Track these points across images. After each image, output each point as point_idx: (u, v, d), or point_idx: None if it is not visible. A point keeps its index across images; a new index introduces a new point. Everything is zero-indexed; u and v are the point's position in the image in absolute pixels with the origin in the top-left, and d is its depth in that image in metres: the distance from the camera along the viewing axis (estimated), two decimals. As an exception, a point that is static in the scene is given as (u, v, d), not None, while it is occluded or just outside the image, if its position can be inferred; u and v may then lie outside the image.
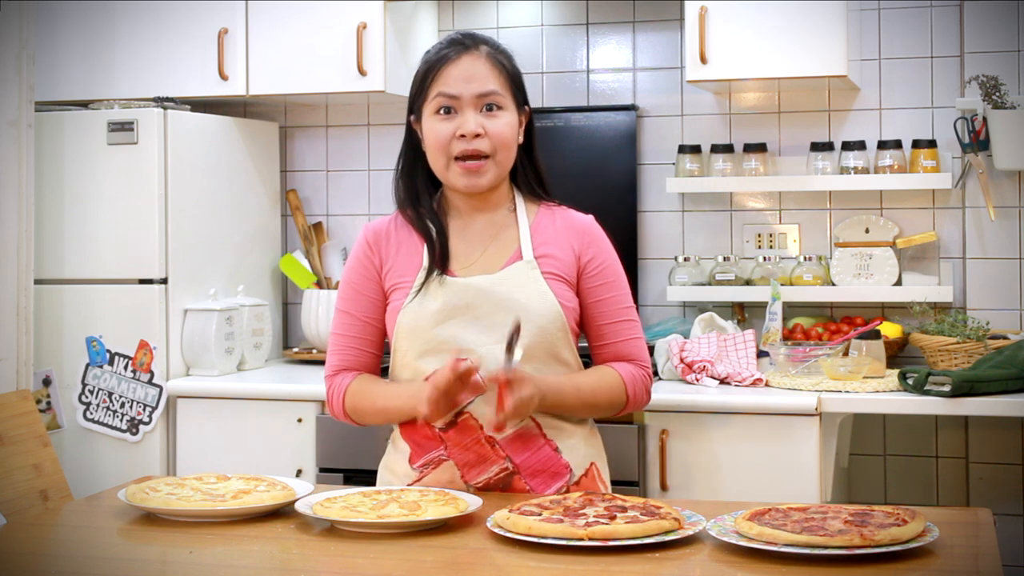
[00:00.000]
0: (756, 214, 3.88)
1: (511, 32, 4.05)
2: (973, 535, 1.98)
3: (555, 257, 2.40)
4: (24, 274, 3.51)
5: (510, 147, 2.39)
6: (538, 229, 2.43)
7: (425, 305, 2.35)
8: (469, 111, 2.34)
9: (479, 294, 2.34)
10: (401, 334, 2.37)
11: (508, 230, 2.43)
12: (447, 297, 2.34)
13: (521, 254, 2.39)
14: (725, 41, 3.51)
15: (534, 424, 2.35)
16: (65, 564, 2.00)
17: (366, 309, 2.43)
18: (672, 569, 1.84)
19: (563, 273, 2.39)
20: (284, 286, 4.24)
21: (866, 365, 3.28)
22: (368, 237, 2.45)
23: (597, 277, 2.42)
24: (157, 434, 3.62)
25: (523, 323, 2.28)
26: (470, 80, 2.34)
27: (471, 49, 2.37)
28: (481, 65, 2.36)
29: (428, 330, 2.34)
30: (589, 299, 2.42)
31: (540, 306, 2.34)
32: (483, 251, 2.41)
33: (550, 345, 2.35)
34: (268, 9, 3.85)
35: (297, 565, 1.94)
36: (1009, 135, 3.48)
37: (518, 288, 2.35)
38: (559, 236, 2.42)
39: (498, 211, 2.44)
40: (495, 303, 2.34)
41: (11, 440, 3.28)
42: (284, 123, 4.27)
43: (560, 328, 2.36)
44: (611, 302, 2.42)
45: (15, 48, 3.50)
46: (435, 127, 2.36)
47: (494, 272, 2.37)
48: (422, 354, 2.36)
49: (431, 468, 2.37)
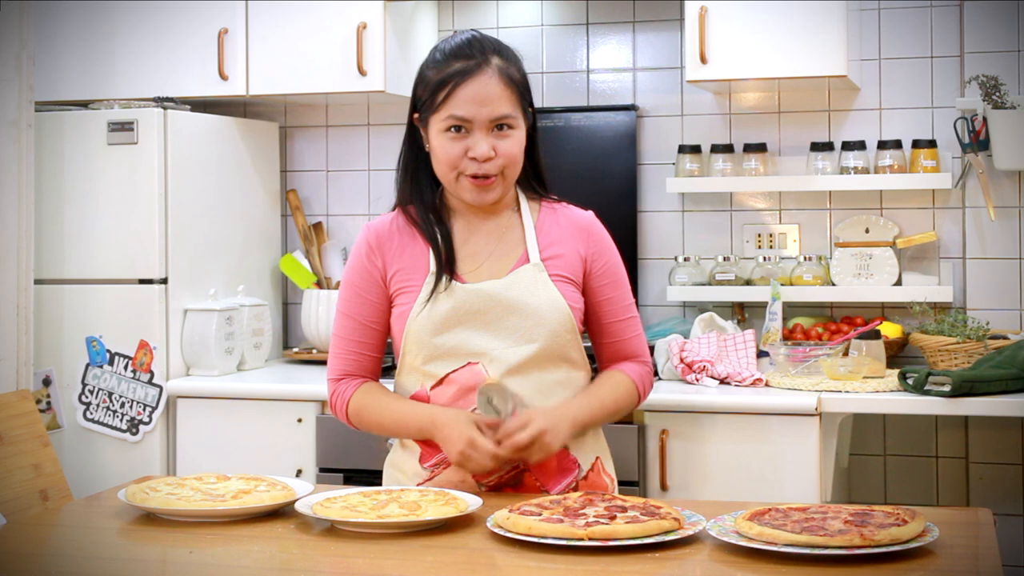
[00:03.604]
0: (756, 214, 3.88)
1: (511, 32, 4.05)
2: (973, 535, 1.98)
3: (561, 258, 2.40)
4: (24, 274, 3.51)
5: (519, 163, 2.38)
6: (543, 229, 2.42)
7: (434, 312, 2.34)
8: (480, 133, 2.31)
9: (489, 299, 2.34)
10: (410, 340, 2.36)
11: (513, 231, 2.42)
12: (456, 303, 2.33)
13: (528, 257, 2.38)
14: (725, 41, 3.51)
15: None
16: (65, 564, 2.00)
17: (368, 313, 2.42)
18: (672, 569, 1.84)
19: (570, 274, 2.39)
20: (284, 286, 4.24)
21: (866, 365, 3.28)
22: (370, 239, 2.42)
23: (603, 276, 2.43)
24: (157, 434, 3.62)
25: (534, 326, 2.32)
26: (483, 103, 2.30)
27: (483, 67, 2.31)
28: (494, 86, 2.31)
29: (437, 336, 2.34)
30: (596, 298, 2.42)
31: (550, 309, 2.34)
32: (489, 254, 2.40)
33: (560, 347, 2.36)
34: (268, 9, 3.85)
35: (297, 565, 1.94)
36: (1009, 135, 3.48)
37: (527, 292, 2.34)
38: (564, 236, 2.42)
39: (502, 213, 2.43)
40: (505, 308, 2.33)
41: (11, 440, 3.28)
42: (284, 123, 4.27)
43: (570, 330, 2.36)
44: (616, 300, 2.44)
45: (15, 48, 3.50)
46: (445, 144, 2.32)
47: (502, 276, 2.36)
48: (429, 359, 2.35)
49: (442, 468, 2.36)
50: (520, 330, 2.33)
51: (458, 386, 2.33)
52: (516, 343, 2.32)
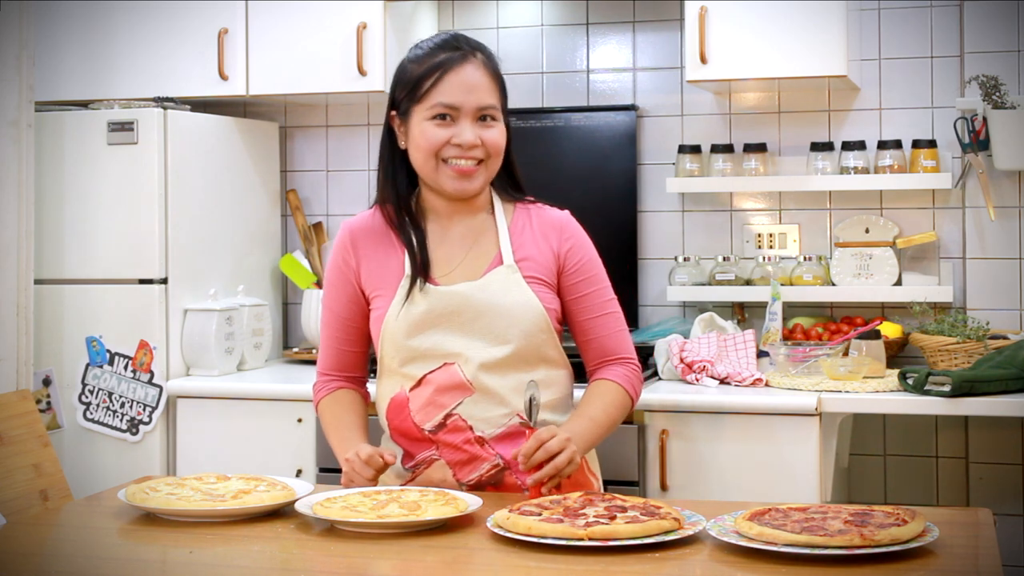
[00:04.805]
0: (756, 214, 3.88)
1: (511, 32, 4.06)
2: (973, 535, 1.98)
3: (534, 259, 2.41)
4: (24, 274, 3.51)
5: (500, 155, 2.40)
6: (516, 231, 2.43)
7: (409, 314, 2.36)
8: (466, 121, 2.34)
9: (462, 301, 2.35)
10: (386, 343, 2.39)
11: (487, 233, 2.43)
12: (430, 305, 2.35)
13: (502, 259, 2.39)
14: (725, 41, 3.51)
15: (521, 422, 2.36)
16: (65, 564, 2.00)
17: (344, 309, 2.47)
18: (672, 569, 1.84)
19: (543, 275, 2.40)
20: (284, 286, 4.24)
21: (866, 365, 3.28)
22: (345, 237, 2.47)
23: (577, 274, 2.43)
24: (157, 434, 3.62)
25: (508, 327, 2.33)
26: (470, 91, 2.34)
27: (469, 57, 2.36)
28: (481, 75, 2.36)
29: (412, 339, 2.36)
30: (570, 295, 2.43)
31: (524, 310, 2.35)
32: (463, 256, 2.41)
33: (536, 347, 2.37)
34: (268, 9, 3.85)
35: (297, 565, 1.94)
36: (1009, 135, 3.47)
37: (501, 294, 2.36)
38: (537, 236, 2.43)
39: (477, 215, 2.44)
40: (478, 309, 2.35)
41: (11, 440, 3.28)
42: (284, 123, 4.27)
43: (545, 330, 2.37)
44: (593, 297, 2.44)
45: (15, 48, 3.50)
46: (429, 131, 2.34)
47: (476, 279, 2.38)
48: (406, 362, 2.38)
49: (423, 468, 2.39)
50: (494, 331, 2.34)
51: (435, 386, 2.36)
52: (491, 344, 2.34)
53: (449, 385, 2.35)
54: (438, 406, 2.35)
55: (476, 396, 2.34)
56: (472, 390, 2.34)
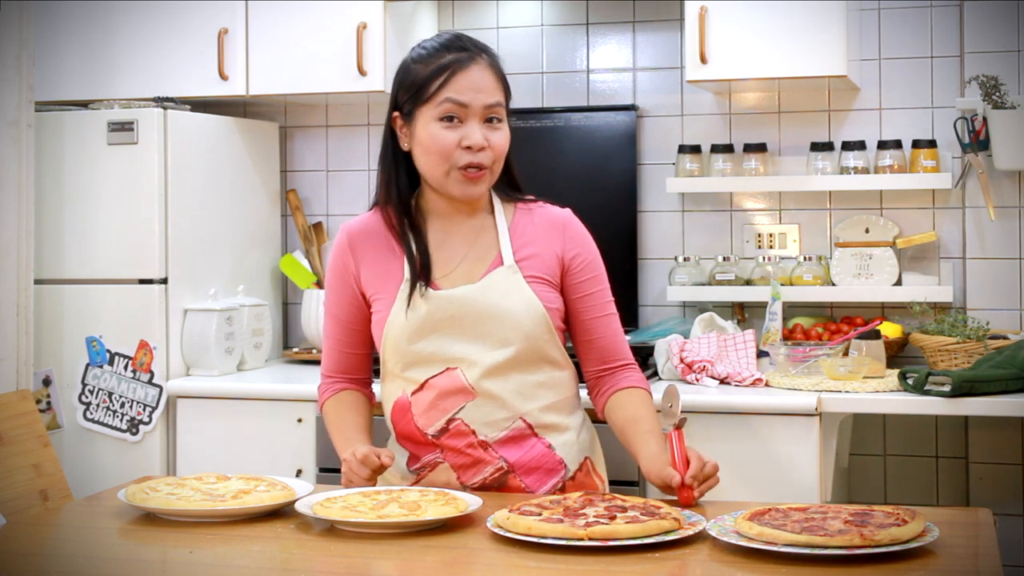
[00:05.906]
0: (756, 214, 3.88)
1: (511, 32, 4.06)
2: (973, 535, 1.98)
3: (536, 258, 2.39)
4: (24, 274, 3.51)
5: (503, 159, 2.39)
6: (517, 231, 2.42)
7: (409, 319, 2.34)
8: (474, 122, 2.32)
9: (463, 304, 2.34)
10: (387, 347, 2.38)
11: (487, 234, 2.41)
12: (431, 310, 2.34)
13: (502, 259, 2.38)
14: (725, 41, 3.51)
15: (525, 425, 2.36)
16: (65, 564, 2.00)
17: (345, 312, 2.46)
18: (672, 569, 1.84)
19: (545, 274, 2.39)
20: (284, 286, 4.24)
21: (866, 365, 3.28)
22: (343, 240, 2.45)
23: (582, 273, 2.42)
24: (157, 434, 3.62)
25: (509, 329, 2.32)
26: (479, 90, 2.32)
27: (476, 58, 2.34)
28: (489, 76, 2.34)
29: (413, 343, 2.35)
30: (575, 295, 2.42)
31: (525, 311, 2.34)
32: (463, 258, 2.39)
33: (538, 348, 2.36)
34: (268, 9, 3.85)
35: (297, 565, 1.94)
36: (1009, 135, 3.48)
37: (502, 295, 2.34)
38: (539, 236, 2.41)
39: (476, 216, 2.43)
40: (479, 312, 2.33)
41: (11, 440, 3.28)
42: (284, 123, 4.27)
43: (547, 331, 2.36)
44: (596, 296, 2.43)
45: (15, 48, 3.50)
46: (439, 134, 2.31)
47: (476, 281, 2.36)
48: (408, 366, 2.36)
49: (428, 471, 2.38)
50: (496, 334, 2.33)
51: (437, 391, 2.34)
52: (492, 347, 2.33)
53: (451, 390, 2.33)
54: (440, 411, 2.34)
55: (478, 400, 2.33)
56: (474, 395, 2.32)
